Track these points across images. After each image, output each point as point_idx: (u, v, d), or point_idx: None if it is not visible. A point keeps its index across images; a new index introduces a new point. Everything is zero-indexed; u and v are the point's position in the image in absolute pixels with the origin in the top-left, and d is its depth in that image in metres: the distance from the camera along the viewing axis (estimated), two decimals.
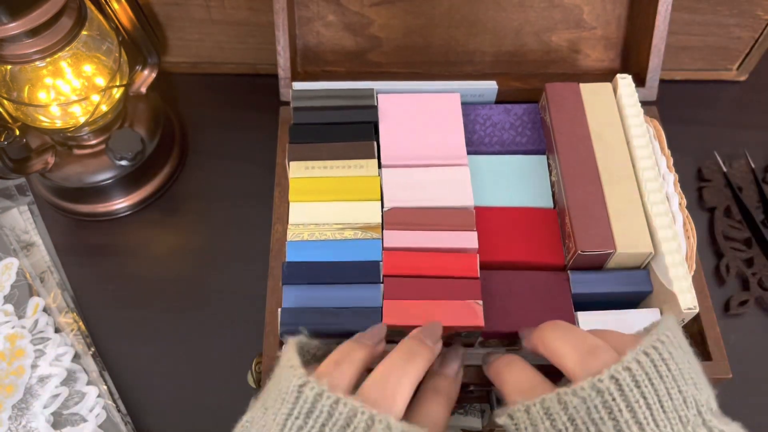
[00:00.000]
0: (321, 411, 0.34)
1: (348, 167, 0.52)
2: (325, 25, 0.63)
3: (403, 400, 0.36)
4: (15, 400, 0.56)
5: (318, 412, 0.34)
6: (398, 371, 0.37)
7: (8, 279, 0.61)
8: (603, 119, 0.54)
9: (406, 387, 0.36)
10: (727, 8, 0.66)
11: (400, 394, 0.36)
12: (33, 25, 0.52)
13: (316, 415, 0.34)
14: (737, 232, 0.65)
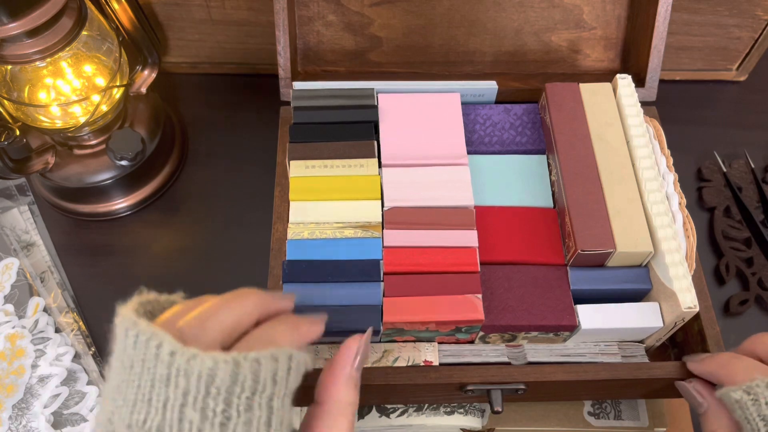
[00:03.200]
0: (137, 350, 0.33)
1: (348, 166, 0.52)
2: (325, 24, 0.63)
3: (216, 327, 0.35)
4: (15, 400, 0.56)
5: (134, 352, 0.33)
6: (216, 305, 0.36)
7: (8, 279, 0.61)
8: (603, 119, 0.54)
9: (224, 317, 0.36)
10: (726, 8, 0.66)
11: (213, 322, 0.35)
12: (33, 25, 0.52)
13: (133, 354, 0.33)
14: (737, 232, 0.65)
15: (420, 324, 0.46)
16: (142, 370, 0.33)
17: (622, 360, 0.50)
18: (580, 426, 0.57)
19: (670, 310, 0.47)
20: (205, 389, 0.33)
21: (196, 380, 0.33)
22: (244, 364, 0.33)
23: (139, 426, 0.32)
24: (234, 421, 0.33)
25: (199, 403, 0.33)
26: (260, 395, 0.34)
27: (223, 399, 0.33)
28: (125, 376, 0.33)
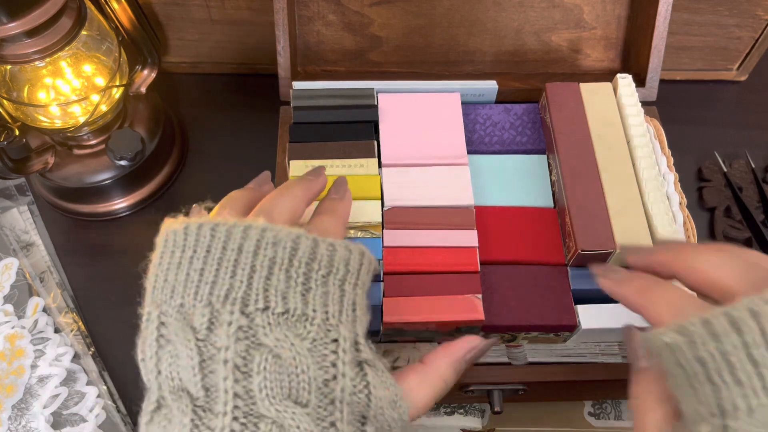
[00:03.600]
0: (216, 239, 0.37)
1: (348, 166, 0.52)
2: (325, 24, 0.63)
3: (282, 214, 0.40)
4: (15, 400, 0.56)
5: (212, 241, 0.37)
6: (273, 198, 0.41)
7: (8, 279, 0.61)
8: (603, 119, 0.54)
9: (284, 205, 0.41)
10: (727, 8, 0.66)
11: (278, 211, 0.40)
12: (33, 25, 0.52)
13: (210, 243, 0.37)
14: (737, 232, 0.65)
15: (420, 324, 0.46)
16: (224, 251, 0.36)
17: (622, 360, 0.50)
18: (580, 426, 0.56)
19: None
20: (289, 259, 0.36)
21: (282, 249, 0.36)
22: (322, 244, 0.37)
23: (221, 300, 0.35)
24: (313, 292, 0.36)
25: (284, 270, 0.36)
26: (334, 276, 0.37)
27: (303, 271, 0.36)
28: (197, 265, 0.36)
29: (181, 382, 0.35)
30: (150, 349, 0.36)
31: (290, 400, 0.34)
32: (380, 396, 0.37)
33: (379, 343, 0.50)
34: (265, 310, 0.35)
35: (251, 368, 0.34)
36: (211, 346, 0.35)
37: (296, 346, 0.35)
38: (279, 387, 0.34)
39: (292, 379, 0.35)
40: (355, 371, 0.36)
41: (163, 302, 0.37)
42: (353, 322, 0.38)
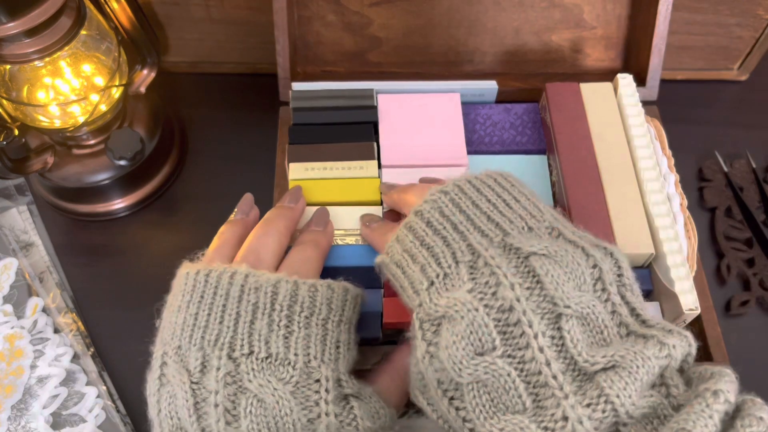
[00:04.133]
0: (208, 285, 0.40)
1: (348, 168, 0.52)
2: (324, 24, 0.63)
3: (268, 254, 0.43)
4: (14, 401, 0.56)
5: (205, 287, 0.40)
6: (259, 237, 0.44)
7: (7, 279, 0.61)
8: (603, 119, 0.54)
9: (270, 244, 0.44)
10: (728, 8, 0.66)
11: (264, 251, 0.43)
12: (32, 24, 0.51)
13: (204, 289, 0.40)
14: (738, 232, 0.65)
15: None
16: (215, 297, 0.39)
17: None
18: None
19: (671, 312, 0.47)
20: (271, 303, 0.39)
21: (263, 295, 0.39)
22: (303, 287, 0.40)
23: (211, 345, 0.38)
24: (295, 335, 0.38)
25: (266, 315, 0.38)
26: (317, 316, 0.40)
27: (285, 314, 0.39)
28: (193, 310, 0.39)
29: (179, 421, 0.37)
30: (153, 387, 0.39)
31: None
32: (368, 425, 0.38)
33: (379, 346, 0.49)
34: (249, 355, 0.37)
35: (239, 412, 0.36)
36: (204, 389, 0.37)
37: (279, 390, 0.37)
38: (266, 429, 0.36)
39: (277, 421, 0.36)
40: (341, 407, 0.38)
41: (166, 343, 0.39)
42: (336, 361, 0.39)
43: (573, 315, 0.35)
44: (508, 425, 0.34)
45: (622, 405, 0.32)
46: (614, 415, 0.32)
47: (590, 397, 0.33)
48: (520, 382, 0.35)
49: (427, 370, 0.37)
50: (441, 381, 0.37)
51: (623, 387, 0.33)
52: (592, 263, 0.37)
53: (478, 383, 0.36)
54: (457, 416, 0.36)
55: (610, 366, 0.33)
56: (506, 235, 0.39)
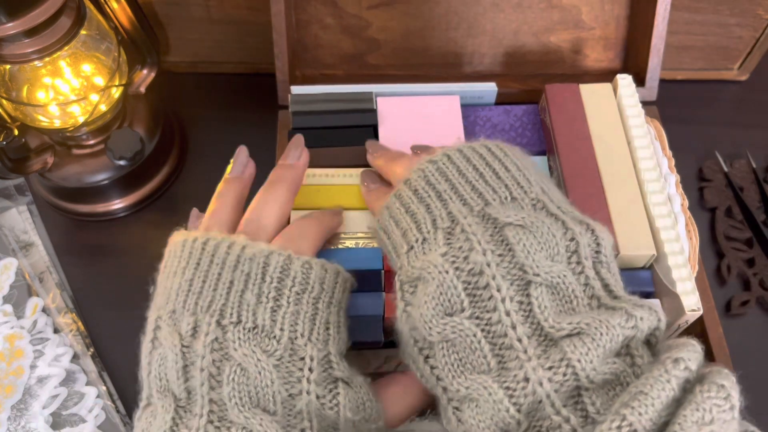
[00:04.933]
0: (205, 253, 0.40)
1: (349, 176, 0.52)
2: (322, 28, 0.62)
3: (270, 223, 0.43)
4: (14, 401, 0.56)
5: (202, 255, 0.40)
6: (261, 205, 0.44)
7: (7, 279, 0.61)
8: (603, 120, 0.54)
9: (271, 213, 0.44)
10: (728, 8, 0.66)
11: (266, 220, 0.43)
12: (32, 24, 0.51)
13: (200, 257, 0.40)
14: (738, 233, 0.65)
15: None
16: (211, 264, 0.39)
17: None
18: None
19: (673, 313, 0.47)
20: (262, 274, 0.39)
21: (256, 265, 0.39)
22: (297, 262, 0.40)
23: (203, 311, 0.38)
24: (283, 310, 0.38)
25: (256, 287, 0.38)
26: (309, 294, 0.39)
27: (275, 287, 0.39)
28: (188, 276, 0.39)
29: (167, 383, 0.37)
30: (145, 349, 0.39)
31: (258, 408, 0.36)
32: (349, 416, 0.38)
33: (381, 349, 0.49)
34: (237, 324, 0.37)
35: (222, 378, 0.36)
36: (192, 354, 0.37)
37: (262, 361, 0.37)
38: (247, 397, 0.36)
39: (258, 391, 0.36)
40: (326, 389, 0.38)
41: (161, 308, 0.40)
42: (325, 342, 0.39)
43: (542, 283, 0.36)
44: (473, 384, 0.35)
45: (582, 369, 0.33)
46: (575, 379, 0.33)
47: (552, 361, 0.34)
48: (486, 343, 0.36)
49: (404, 329, 0.39)
50: (416, 340, 0.39)
51: (585, 352, 0.34)
52: (570, 236, 0.38)
53: (447, 342, 0.37)
54: (431, 374, 0.38)
55: (575, 332, 0.34)
56: (487, 204, 0.40)
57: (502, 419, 0.34)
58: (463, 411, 0.36)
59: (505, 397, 0.34)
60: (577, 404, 0.34)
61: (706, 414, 0.31)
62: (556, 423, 0.33)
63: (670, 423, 0.31)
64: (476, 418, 0.35)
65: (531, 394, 0.34)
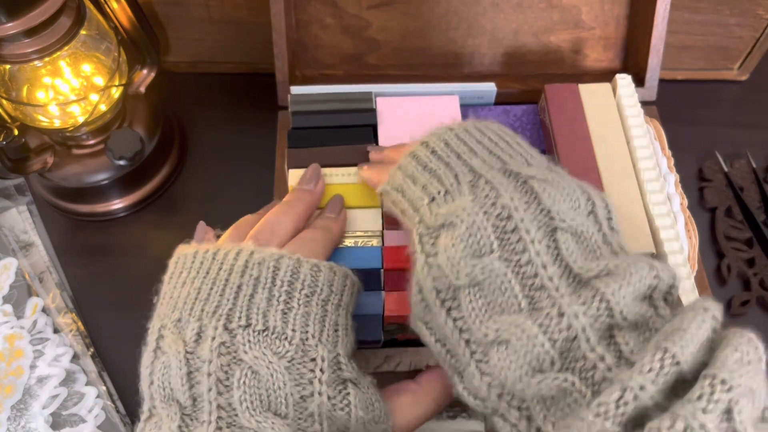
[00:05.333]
0: (215, 262, 0.40)
1: (348, 175, 0.52)
2: (322, 28, 0.62)
3: (281, 235, 0.43)
4: (14, 401, 0.56)
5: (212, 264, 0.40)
6: (277, 216, 0.44)
7: (7, 279, 0.61)
8: (603, 120, 0.54)
9: (284, 227, 0.44)
10: (728, 8, 0.66)
11: (279, 232, 0.43)
12: (31, 24, 0.51)
13: (210, 266, 0.40)
14: (738, 232, 0.65)
15: None
16: (219, 271, 0.39)
17: None
18: None
19: None
20: (272, 277, 0.39)
21: (265, 269, 0.39)
22: (305, 265, 0.40)
23: (209, 316, 0.38)
24: (294, 312, 0.38)
25: (266, 290, 0.38)
26: (318, 296, 0.40)
27: (285, 290, 0.39)
28: (197, 284, 0.39)
29: (171, 391, 0.37)
30: (147, 360, 0.39)
31: (270, 412, 0.36)
32: (361, 415, 0.38)
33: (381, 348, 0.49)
34: (246, 327, 0.37)
35: (232, 382, 0.36)
36: (197, 359, 0.36)
37: (274, 363, 0.36)
38: (258, 401, 0.36)
39: (270, 394, 0.36)
40: (336, 390, 0.37)
41: (165, 316, 0.39)
42: (335, 343, 0.39)
43: (568, 230, 0.37)
44: (503, 325, 0.35)
45: (617, 303, 0.33)
46: (609, 315, 0.33)
47: (585, 297, 0.34)
48: (516, 284, 0.36)
49: (425, 282, 0.38)
50: (439, 290, 0.38)
51: (618, 287, 0.33)
52: (587, 197, 0.39)
53: (474, 286, 0.37)
54: (454, 327, 0.37)
55: (604, 273, 0.34)
56: (505, 164, 0.40)
57: (537, 356, 0.33)
58: (490, 358, 0.35)
59: (539, 332, 0.34)
60: (611, 344, 0.34)
61: (744, 355, 0.31)
62: (591, 362, 0.33)
63: (710, 362, 0.31)
64: (507, 359, 0.34)
65: (566, 329, 0.33)
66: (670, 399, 0.30)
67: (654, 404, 0.30)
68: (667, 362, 0.30)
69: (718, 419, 0.29)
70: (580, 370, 0.33)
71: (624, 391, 0.30)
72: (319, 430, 0.36)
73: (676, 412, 0.29)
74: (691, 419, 0.28)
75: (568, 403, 0.33)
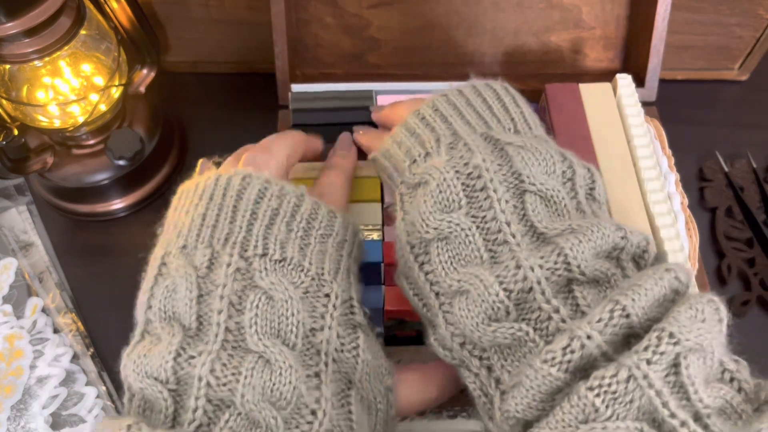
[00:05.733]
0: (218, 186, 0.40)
1: None
2: (323, 27, 0.62)
3: (279, 151, 0.44)
4: (14, 401, 0.56)
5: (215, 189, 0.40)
6: (276, 139, 0.45)
7: (7, 279, 0.61)
8: (603, 119, 0.54)
9: (284, 145, 0.44)
10: (728, 7, 0.66)
11: (276, 149, 0.44)
12: (31, 24, 0.51)
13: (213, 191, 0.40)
14: (739, 232, 0.65)
15: None
16: (224, 197, 0.39)
17: None
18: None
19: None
20: (292, 213, 0.39)
21: (286, 203, 0.39)
22: (324, 209, 0.40)
23: (221, 243, 0.37)
24: (311, 248, 0.39)
25: (285, 223, 0.38)
26: (333, 239, 0.40)
27: (303, 227, 0.39)
28: (201, 210, 0.39)
29: (174, 314, 0.36)
30: (146, 285, 0.38)
31: (278, 339, 0.35)
32: (368, 361, 0.38)
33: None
34: (263, 256, 0.37)
35: (244, 306, 0.35)
36: (210, 283, 0.36)
37: (289, 290, 0.36)
38: (269, 326, 0.35)
39: (281, 321, 0.36)
40: (346, 331, 0.37)
41: (169, 244, 0.39)
42: (348, 286, 0.39)
43: (537, 193, 0.38)
44: (465, 275, 0.36)
45: (574, 258, 0.34)
46: (566, 268, 0.34)
47: (545, 252, 0.34)
48: (480, 238, 0.37)
49: (401, 236, 0.40)
50: (413, 245, 0.39)
51: (578, 242, 0.34)
52: (568, 165, 0.40)
53: (441, 240, 0.38)
54: (426, 281, 0.38)
55: (568, 231, 0.35)
56: (490, 129, 0.42)
57: (492, 305, 0.34)
58: (453, 307, 0.36)
59: (495, 282, 0.34)
60: (568, 297, 0.34)
61: (698, 313, 0.31)
62: (546, 313, 0.34)
63: (663, 318, 0.31)
64: (466, 309, 0.35)
65: (521, 280, 0.34)
66: (619, 351, 0.31)
67: (601, 354, 0.31)
68: (617, 314, 0.31)
69: (663, 372, 0.30)
70: (535, 321, 0.34)
71: (572, 339, 0.31)
72: (324, 370, 0.36)
73: (622, 362, 0.29)
74: (635, 369, 0.29)
75: (523, 353, 0.34)
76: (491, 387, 0.35)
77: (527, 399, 0.32)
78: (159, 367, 0.34)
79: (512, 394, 0.33)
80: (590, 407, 0.29)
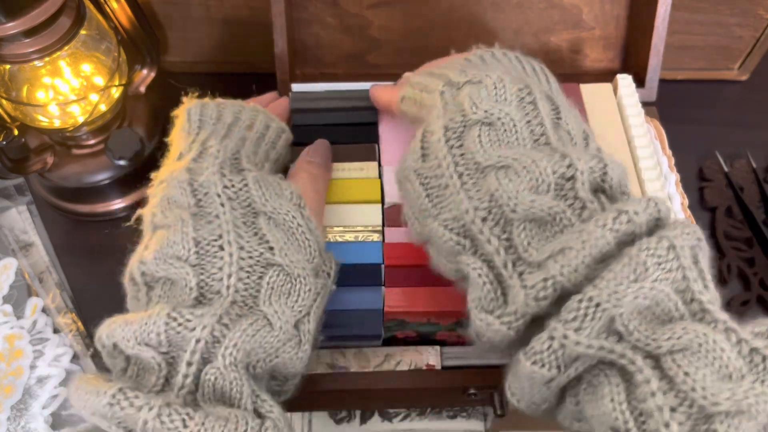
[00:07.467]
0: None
1: (348, 170, 0.52)
2: (323, 27, 0.62)
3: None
4: (14, 401, 0.56)
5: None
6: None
7: (7, 279, 0.61)
8: (604, 119, 0.54)
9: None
10: (728, 8, 0.66)
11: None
12: (31, 24, 0.51)
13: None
14: (738, 232, 0.65)
15: (422, 314, 0.46)
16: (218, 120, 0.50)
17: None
18: None
19: None
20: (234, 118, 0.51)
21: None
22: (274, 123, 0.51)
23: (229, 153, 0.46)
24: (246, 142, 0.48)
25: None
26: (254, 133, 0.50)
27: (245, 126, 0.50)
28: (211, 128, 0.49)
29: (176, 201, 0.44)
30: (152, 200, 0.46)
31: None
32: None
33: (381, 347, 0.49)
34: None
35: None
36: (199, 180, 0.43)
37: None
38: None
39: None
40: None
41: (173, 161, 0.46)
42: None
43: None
44: (509, 153, 0.39)
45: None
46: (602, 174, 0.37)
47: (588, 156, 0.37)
48: (527, 131, 0.40)
49: (437, 123, 0.42)
50: (448, 128, 0.41)
51: (507, 181, 0.37)
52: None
53: (487, 125, 0.41)
54: (452, 162, 0.41)
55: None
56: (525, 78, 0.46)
57: (537, 177, 0.37)
58: (486, 180, 0.38)
59: (543, 158, 0.37)
60: (602, 200, 0.36)
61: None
62: (582, 202, 0.36)
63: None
64: (507, 179, 0.37)
65: (566, 167, 0.36)
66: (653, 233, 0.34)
67: (643, 231, 0.34)
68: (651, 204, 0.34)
69: (690, 252, 0.35)
70: (572, 207, 0.36)
71: (620, 213, 0.33)
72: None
73: (662, 234, 0.33)
74: (674, 239, 0.33)
75: (555, 231, 0.36)
76: (507, 267, 0.36)
77: (576, 261, 0.33)
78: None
79: (555, 259, 0.34)
80: (641, 266, 0.32)
